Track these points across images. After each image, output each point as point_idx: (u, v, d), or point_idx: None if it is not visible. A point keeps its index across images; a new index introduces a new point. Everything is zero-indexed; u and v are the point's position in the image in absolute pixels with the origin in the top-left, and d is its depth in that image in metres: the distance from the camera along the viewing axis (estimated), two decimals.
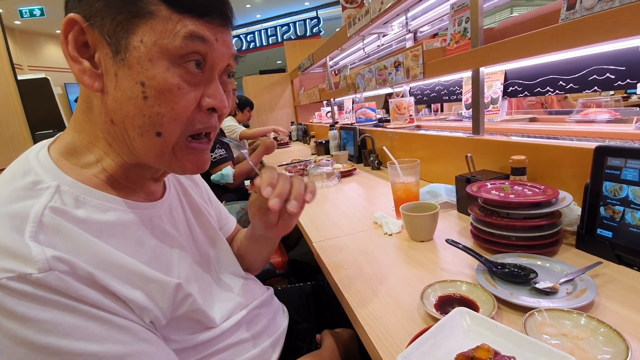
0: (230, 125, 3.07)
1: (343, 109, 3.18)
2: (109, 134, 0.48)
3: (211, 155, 1.81)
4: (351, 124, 2.53)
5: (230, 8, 0.48)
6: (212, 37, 0.46)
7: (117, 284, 0.42)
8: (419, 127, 1.88)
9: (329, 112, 2.90)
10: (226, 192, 2.00)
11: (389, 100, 2.01)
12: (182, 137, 0.48)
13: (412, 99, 1.97)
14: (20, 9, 6.79)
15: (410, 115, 1.94)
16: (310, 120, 4.04)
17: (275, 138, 3.93)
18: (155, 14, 0.43)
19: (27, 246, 0.36)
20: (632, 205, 0.64)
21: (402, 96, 2.35)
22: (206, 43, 0.45)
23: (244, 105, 3.25)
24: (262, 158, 2.23)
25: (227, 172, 1.86)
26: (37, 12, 6.89)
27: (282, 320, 0.74)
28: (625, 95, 3.71)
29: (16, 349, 0.34)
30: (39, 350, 0.35)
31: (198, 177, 0.77)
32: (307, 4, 10.97)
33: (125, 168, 0.51)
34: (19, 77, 3.40)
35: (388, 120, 2.36)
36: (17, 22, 7.32)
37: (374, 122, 2.42)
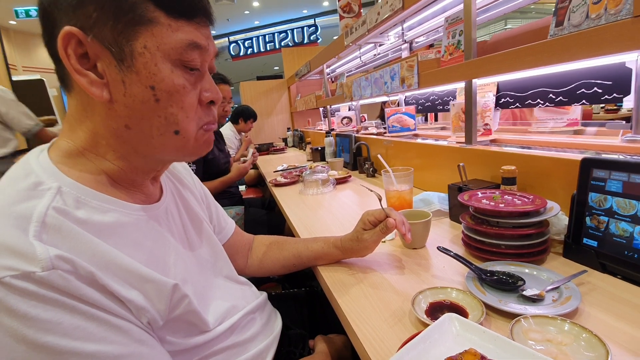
0: (231, 135, 3.09)
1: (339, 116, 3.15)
2: (119, 138, 0.49)
3: None
4: (377, 133, 2.13)
5: (210, 4, 0.51)
6: (206, 42, 0.50)
7: (116, 283, 0.43)
8: (495, 141, 1.29)
9: (344, 117, 2.73)
10: (222, 198, 2.00)
11: (452, 103, 1.48)
12: (199, 131, 0.53)
13: (489, 100, 1.32)
14: (16, 9, 6.74)
15: (486, 125, 1.30)
16: (319, 128, 4.05)
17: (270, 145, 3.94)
18: (155, 21, 0.45)
19: (31, 245, 0.37)
20: (615, 216, 0.66)
21: (399, 104, 2.30)
22: (202, 50, 0.49)
23: (248, 116, 3.26)
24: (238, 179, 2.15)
25: None
26: (33, 13, 6.85)
27: (275, 325, 0.74)
28: (614, 108, 3.80)
29: (16, 347, 0.35)
30: (38, 349, 0.35)
31: (196, 181, 0.78)
32: (305, 12, 11.08)
33: (126, 171, 0.52)
34: (14, 78, 3.38)
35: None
36: (12, 22, 7.27)
37: (413, 131, 1.86)
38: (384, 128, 2.17)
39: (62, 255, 0.38)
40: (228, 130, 3.18)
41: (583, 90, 1.08)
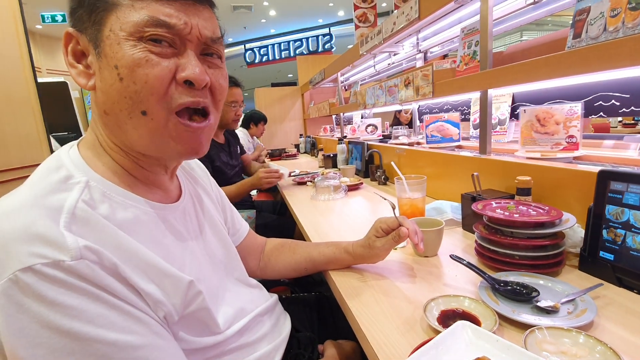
0: (244, 139, 3.13)
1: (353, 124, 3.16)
2: (106, 126, 0.51)
3: None
4: (408, 144, 1.86)
5: None
6: (177, 19, 0.47)
7: (137, 276, 0.44)
8: (579, 159, 1.08)
9: (369, 125, 2.67)
10: (233, 202, 2.00)
11: (523, 109, 1.20)
12: (172, 116, 0.49)
13: (578, 105, 1.05)
14: (42, 13, 7.01)
15: (571, 137, 1.07)
16: (337, 136, 4.05)
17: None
18: (118, 4, 0.46)
19: (62, 235, 0.39)
20: (633, 229, 0.65)
21: (412, 113, 2.28)
22: (170, 26, 0.46)
23: (258, 119, 3.33)
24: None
25: None
26: (59, 18, 7.10)
27: (284, 327, 0.75)
28: (632, 122, 3.72)
29: (41, 332, 0.36)
30: (62, 334, 0.37)
31: (213, 184, 0.80)
32: (320, 21, 11.22)
33: (133, 162, 0.53)
34: (38, 80, 3.51)
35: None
36: (39, 27, 7.55)
37: (457, 142, 1.62)
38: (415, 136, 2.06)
39: (89, 246, 0.40)
40: (241, 134, 3.23)
41: (601, 102, 1.07)
